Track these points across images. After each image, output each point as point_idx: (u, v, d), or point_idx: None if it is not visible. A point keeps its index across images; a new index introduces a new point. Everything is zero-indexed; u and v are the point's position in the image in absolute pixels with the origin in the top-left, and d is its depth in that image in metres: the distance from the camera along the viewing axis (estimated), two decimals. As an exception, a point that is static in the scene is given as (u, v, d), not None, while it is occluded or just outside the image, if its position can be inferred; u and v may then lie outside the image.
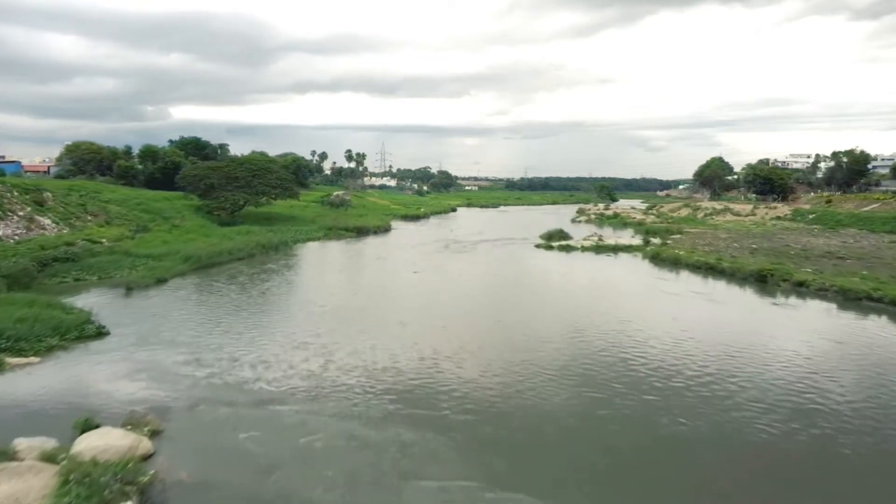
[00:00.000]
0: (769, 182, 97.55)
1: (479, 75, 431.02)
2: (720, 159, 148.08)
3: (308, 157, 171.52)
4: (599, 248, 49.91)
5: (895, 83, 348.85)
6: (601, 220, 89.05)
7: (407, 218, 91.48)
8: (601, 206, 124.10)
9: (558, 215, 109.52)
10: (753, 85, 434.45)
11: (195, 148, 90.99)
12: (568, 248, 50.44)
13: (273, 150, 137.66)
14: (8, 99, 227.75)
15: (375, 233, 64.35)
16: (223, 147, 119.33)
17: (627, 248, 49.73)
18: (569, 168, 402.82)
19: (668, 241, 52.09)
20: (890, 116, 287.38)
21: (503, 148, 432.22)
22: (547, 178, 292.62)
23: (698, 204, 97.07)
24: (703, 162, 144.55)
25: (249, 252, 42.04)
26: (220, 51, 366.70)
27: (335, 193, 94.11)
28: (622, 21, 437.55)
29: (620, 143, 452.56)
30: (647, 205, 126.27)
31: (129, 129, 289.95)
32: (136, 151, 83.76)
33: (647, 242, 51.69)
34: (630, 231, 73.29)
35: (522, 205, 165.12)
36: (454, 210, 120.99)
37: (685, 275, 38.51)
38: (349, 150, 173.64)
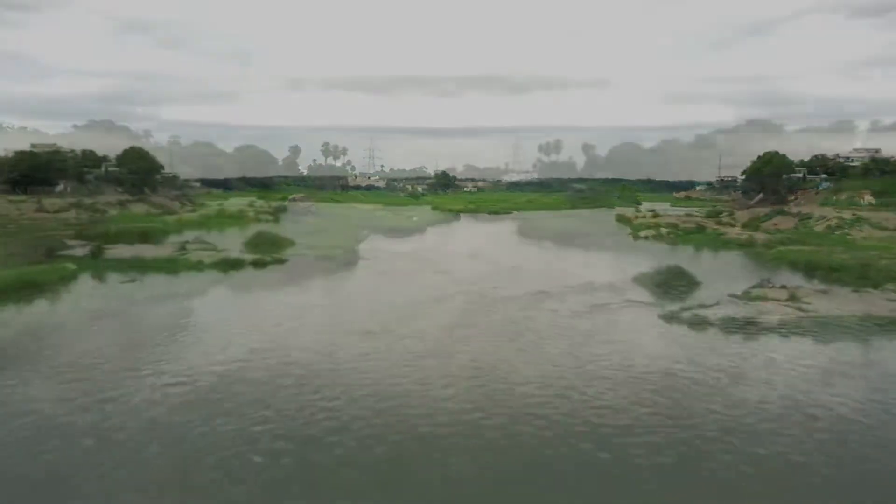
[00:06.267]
0: (898, 180, 70.09)
1: (475, 76, 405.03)
2: (778, 154, 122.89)
3: (288, 153, 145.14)
4: (821, 326, 21.73)
5: (895, 82, 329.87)
6: (675, 235, 61.08)
7: (392, 232, 63.39)
8: (647, 213, 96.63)
9: (597, 224, 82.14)
10: (751, 84, 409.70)
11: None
12: (747, 328, 22.17)
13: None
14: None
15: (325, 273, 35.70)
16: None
17: (869, 322, 21.76)
18: (568, 169, 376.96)
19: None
20: (889, 116, 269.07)
21: (500, 149, 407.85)
22: (549, 180, 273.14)
23: (806, 211, 69.04)
24: (759, 157, 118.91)
25: None
26: (208, 49, 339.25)
27: (292, 197, 66.60)
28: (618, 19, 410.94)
29: (616, 143, 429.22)
30: (704, 210, 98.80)
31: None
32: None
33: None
34: (742, 256, 45.59)
35: (536, 209, 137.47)
36: (457, 218, 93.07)
37: None
38: (325, 143, 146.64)
